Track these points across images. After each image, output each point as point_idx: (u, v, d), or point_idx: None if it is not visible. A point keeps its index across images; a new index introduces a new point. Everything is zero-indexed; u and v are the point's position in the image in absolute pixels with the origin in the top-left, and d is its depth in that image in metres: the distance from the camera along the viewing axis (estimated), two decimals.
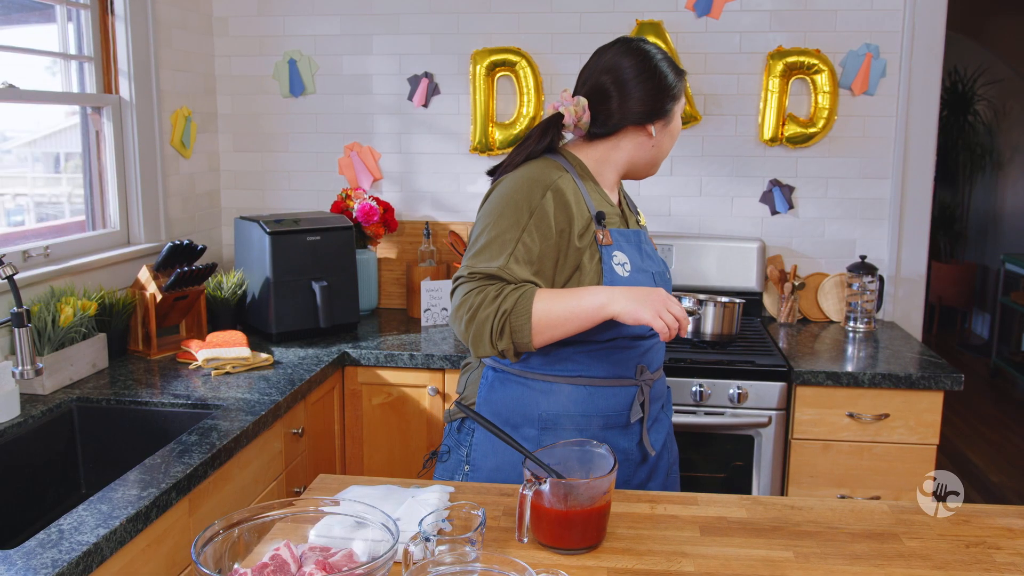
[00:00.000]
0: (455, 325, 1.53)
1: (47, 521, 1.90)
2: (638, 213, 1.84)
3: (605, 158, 1.70)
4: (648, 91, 1.64)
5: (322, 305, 2.66)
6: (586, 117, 1.67)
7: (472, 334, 1.49)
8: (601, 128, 1.68)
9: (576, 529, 1.28)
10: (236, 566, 1.12)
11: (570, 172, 1.64)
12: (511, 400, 1.64)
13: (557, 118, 1.66)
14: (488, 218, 1.57)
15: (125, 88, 2.66)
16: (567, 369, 1.61)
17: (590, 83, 1.68)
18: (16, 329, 1.78)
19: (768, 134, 2.96)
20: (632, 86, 1.64)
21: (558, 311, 1.47)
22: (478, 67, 3.00)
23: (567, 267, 1.59)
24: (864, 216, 3.01)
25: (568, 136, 1.73)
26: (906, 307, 3.04)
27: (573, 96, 1.67)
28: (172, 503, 1.56)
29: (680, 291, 2.80)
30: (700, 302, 2.33)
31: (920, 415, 2.40)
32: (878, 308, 2.90)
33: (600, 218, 1.62)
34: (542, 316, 1.47)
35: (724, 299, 2.68)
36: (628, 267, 1.62)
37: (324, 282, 2.67)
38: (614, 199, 1.73)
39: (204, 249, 2.55)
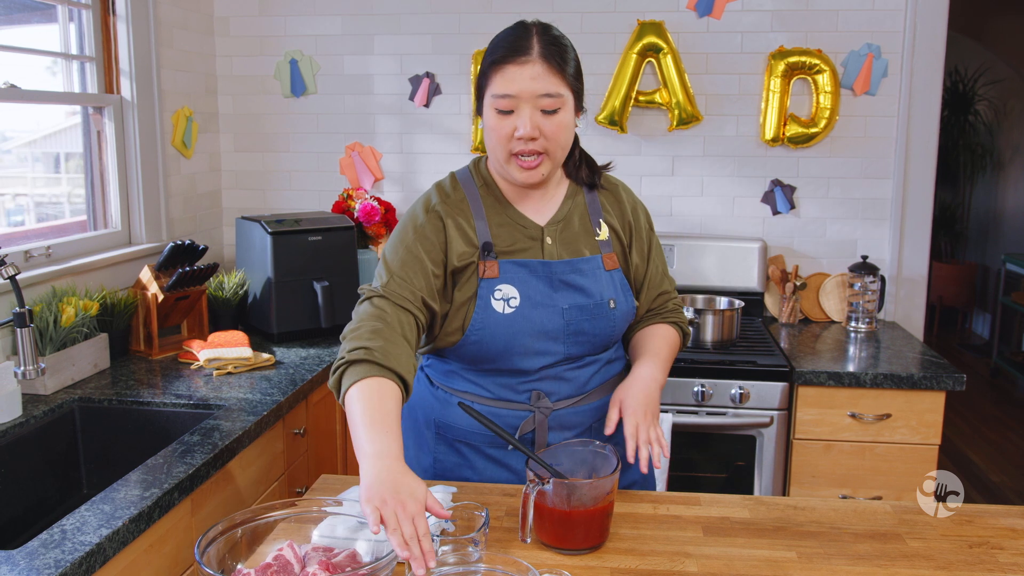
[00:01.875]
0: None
1: (49, 521, 1.90)
2: (599, 227, 1.58)
3: None
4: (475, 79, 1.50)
5: (323, 305, 2.66)
6: None
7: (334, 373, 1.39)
8: None
9: (579, 529, 1.27)
10: (239, 566, 1.12)
11: (467, 192, 1.54)
12: (420, 401, 1.63)
13: None
14: (391, 238, 1.55)
15: (126, 88, 2.66)
16: (458, 384, 1.57)
17: None
18: (18, 329, 1.78)
19: (769, 134, 2.96)
20: None
21: (350, 414, 1.30)
22: (479, 67, 3.00)
23: (445, 295, 1.52)
24: (865, 216, 3.01)
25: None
26: (907, 307, 3.04)
27: None
28: (174, 503, 1.56)
29: (683, 292, 2.80)
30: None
31: (922, 415, 2.40)
32: (879, 308, 2.90)
33: (487, 249, 1.50)
34: (346, 402, 1.33)
35: (723, 305, 2.70)
36: (516, 302, 1.48)
37: (325, 282, 2.67)
38: (540, 215, 1.55)
39: (206, 249, 2.55)
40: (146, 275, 2.43)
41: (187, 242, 2.46)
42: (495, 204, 1.55)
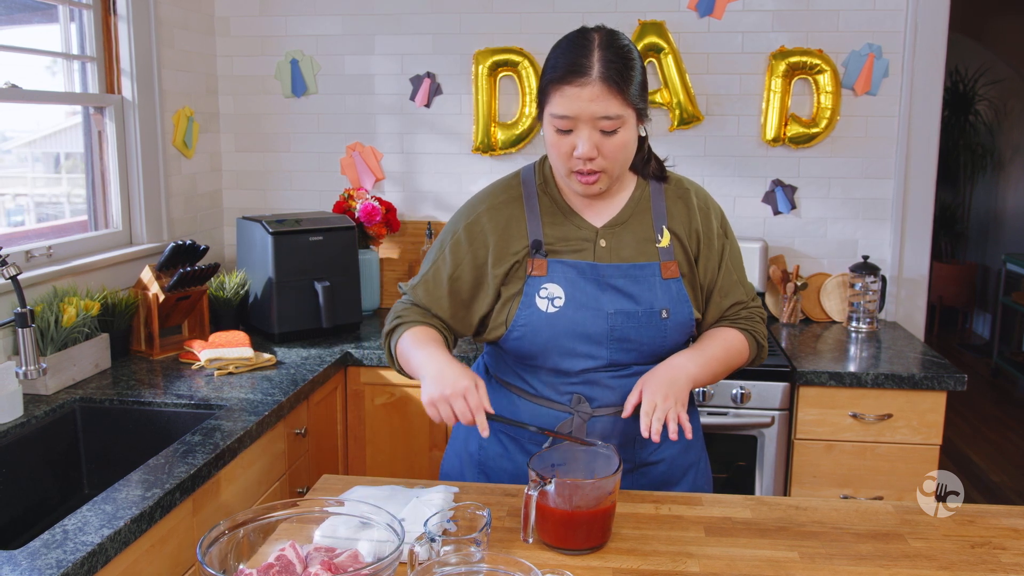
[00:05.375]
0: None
1: (50, 522, 1.90)
2: (661, 233, 1.53)
3: None
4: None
5: (324, 305, 2.66)
6: None
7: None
8: None
9: (581, 529, 1.27)
10: (241, 567, 1.12)
11: (526, 190, 1.54)
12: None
13: None
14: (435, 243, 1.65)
15: (127, 88, 2.66)
16: (508, 377, 1.60)
17: None
18: (20, 329, 1.78)
19: (770, 134, 2.96)
20: None
21: (403, 358, 1.54)
22: (480, 67, 3.00)
23: (487, 296, 1.55)
24: (866, 216, 3.01)
25: None
26: (908, 307, 3.04)
27: None
28: (176, 503, 1.56)
29: None
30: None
31: (923, 415, 2.40)
32: (880, 308, 2.90)
33: (537, 246, 1.51)
34: (399, 351, 1.55)
35: None
36: (561, 301, 1.48)
37: (326, 282, 2.67)
38: (598, 217, 1.54)
39: (207, 249, 2.55)
40: (147, 275, 2.43)
41: (188, 242, 2.46)
42: (551, 204, 1.54)
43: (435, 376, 1.40)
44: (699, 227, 1.55)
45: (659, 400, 1.39)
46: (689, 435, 1.39)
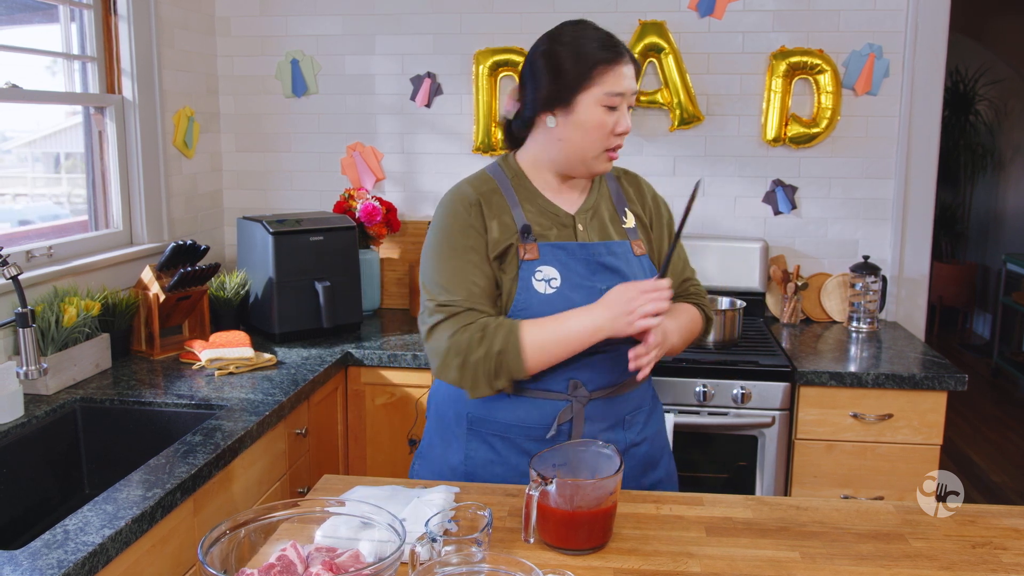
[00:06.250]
0: (442, 371, 1.50)
1: (51, 522, 1.90)
2: (624, 215, 1.66)
3: (535, 156, 1.61)
4: (548, 76, 1.53)
5: (325, 305, 2.66)
6: (512, 107, 1.60)
7: (468, 379, 1.49)
8: (517, 121, 1.60)
9: (582, 529, 1.27)
10: (243, 567, 1.12)
11: (500, 183, 1.59)
12: (448, 398, 1.63)
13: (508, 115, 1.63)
14: (431, 249, 1.56)
15: (128, 88, 2.66)
16: None
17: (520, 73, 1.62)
18: (20, 329, 1.78)
19: (771, 134, 2.96)
20: (536, 69, 1.55)
21: (549, 343, 1.47)
22: (481, 67, 3.00)
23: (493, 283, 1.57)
24: (867, 216, 3.01)
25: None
26: (909, 307, 3.04)
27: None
28: (177, 503, 1.56)
29: None
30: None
31: (924, 415, 2.40)
32: (881, 308, 2.90)
33: (526, 231, 1.55)
34: (534, 349, 1.47)
35: (724, 305, 2.70)
36: (557, 283, 1.54)
37: (327, 282, 2.67)
38: (573, 202, 1.62)
39: (207, 249, 2.55)
40: (147, 275, 2.43)
41: (188, 242, 2.46)
42: (527, 194, 1.60)
43: (605, 312, 1.45)
44: (651, 208, 1.70)
45: (657, 345, 1.49)
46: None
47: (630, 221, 1.66)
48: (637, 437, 1.64)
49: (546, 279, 1.53)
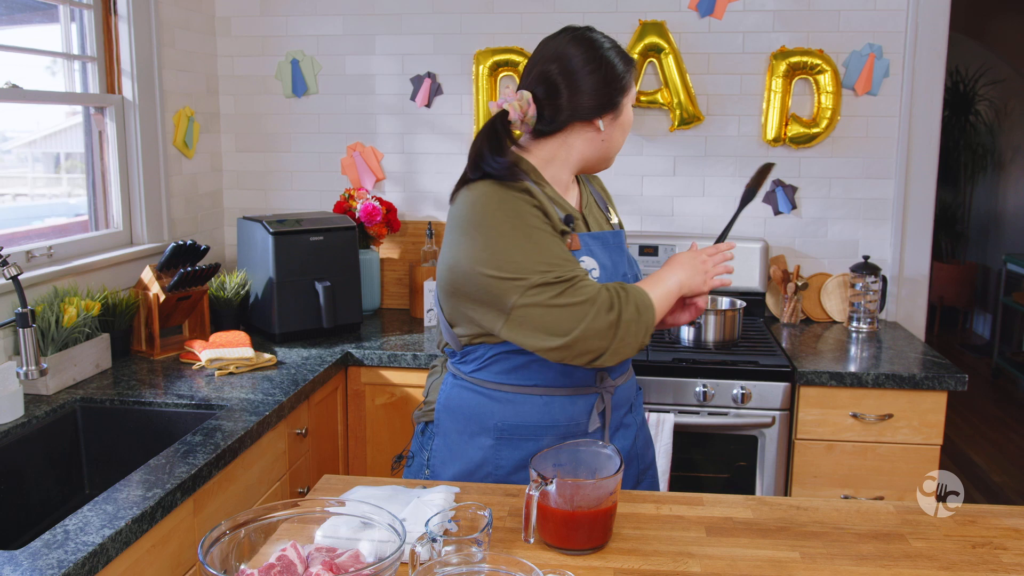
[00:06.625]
0: (590, 322, 1.40)
1: (51, 522, 1.90)
2: (608, 211, 1.72)
3: (554, 156, 1.58)
4: (596, 83, 1.52)
5: (325, 305, 2.66)
6: (532, 112, 1.54)
7: (619, 336, 1.42)
8: (548, 125, 1.55)
9: (582, 530, 1.27)
10: (242, 567, 1.12)
11: (528, 182, 1.53)
12: (469, 408, 1.59)
13: (502, 116, 1.52)
14: (502, 237, 1.45)
15: (128, 88, 2.66)
16: (524, 378, 1.56)
17: (535, 75, 1.54)
18: (20, 329, 1.78)
19: (771, 134, 2.96)
20: (580, 77, 1.51)
21: (661, 301, 1.52)
22: (481, 67, 3.00)
23: None
24: (867, 216, 3.01)
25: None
26: (909, 307, 3.03)
27: (517, 91, 1.55)
28: (177, 504, 1.56)
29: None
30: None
31: (924, 415, 2.40)
32: (881, 308, 2.90)
33: (569, 222, 1.55)
34: (659, 307, 1.51)
35: (724, 305, 2.70)
36: (597, 272, 1.56)
37: (327, 282, 2.67)
38: (572, 200, 1.64)
39: (207, 249, 2.55)
40: (148, 275, 2.43)
41: (188, 242, 2.46)
42: (547, 189, 1.60)
43: (681, 272, 1.55)
44: (615, 208, 1.82)
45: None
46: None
47: (614, 217, 1.74)
48: (636, 420, 1.73)
49: (589, 269, 1.56)
